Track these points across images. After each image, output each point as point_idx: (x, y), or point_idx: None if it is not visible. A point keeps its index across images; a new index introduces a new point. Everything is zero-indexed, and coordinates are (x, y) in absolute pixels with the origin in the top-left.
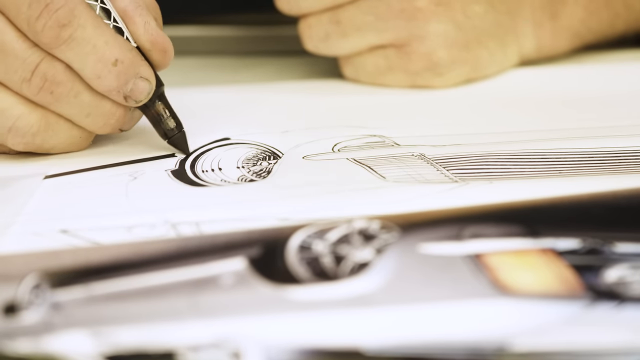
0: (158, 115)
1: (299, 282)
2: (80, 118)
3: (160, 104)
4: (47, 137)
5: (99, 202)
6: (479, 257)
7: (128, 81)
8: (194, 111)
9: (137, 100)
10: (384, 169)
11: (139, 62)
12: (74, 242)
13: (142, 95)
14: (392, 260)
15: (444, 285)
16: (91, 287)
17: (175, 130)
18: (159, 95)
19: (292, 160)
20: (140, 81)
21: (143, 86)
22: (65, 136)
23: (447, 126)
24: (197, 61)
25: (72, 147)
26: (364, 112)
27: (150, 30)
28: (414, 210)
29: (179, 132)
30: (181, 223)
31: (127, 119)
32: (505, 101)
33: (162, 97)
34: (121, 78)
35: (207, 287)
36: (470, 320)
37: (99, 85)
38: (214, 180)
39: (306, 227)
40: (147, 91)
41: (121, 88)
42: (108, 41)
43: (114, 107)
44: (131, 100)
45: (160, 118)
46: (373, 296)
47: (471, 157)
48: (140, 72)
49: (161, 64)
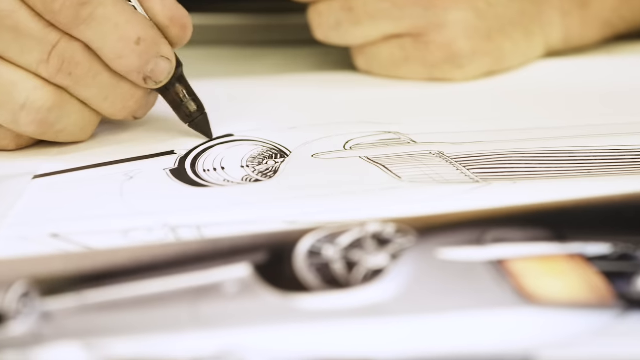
0: (178, 97)
1: (308, 290)
2: (98, 101)
3: (179, 85)
4: (61, 115)
5: (92, 204)
6: (501, 263)
7: (149, 61)
8: None
9: (157, 81)
10: (399, 168)
11: (160, 40)
12: (65, 246)
13: (162, 76)
14: (408, 267)
15: (464, 293)
16: (84, 296)
17: (197, 112)
18: (179, 77)
19: (301, 159)
20: (161, 61)
21: (164, 66)
22: (77, 118)
23: (468, 122)
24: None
25: (80, 133)
26: (378, 106)
27: (169, 4)
28: (431, 213)
29: (201, 115)
30: (181, 226)
31: (144, 103)
32: (529, 95)
33: (182, 79)
34: (143, 57)
35: (209, 296)
36: (493, 332)
37: (119, 65)
38: (216, 180)
39: (315, 230)
40: (167, 71)
41: (142, 68)
42: (129, 19)
43: (132, 88)
44: (151, 81)
45: (181, 100)
46: (387, 305)
47: (493, 156)
48: (161, 51)
49: (180, 40)
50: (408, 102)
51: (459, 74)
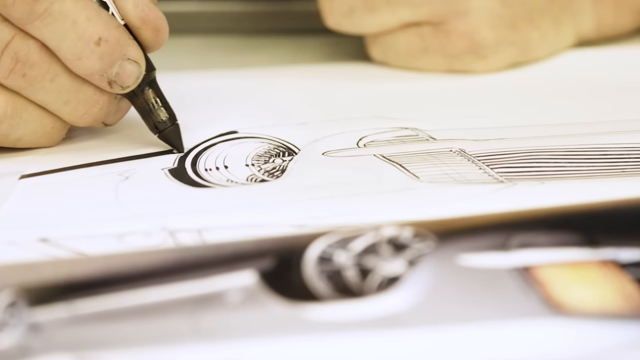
0: (148, 105)
1: (318, 299)
2: (57, 106)
3: (150, 91)
4: (13, 125)
5: (85, 206)
6: (528, 270)
7: (113, 63)
8: (195, 100)
9: (123, 85)
10: (417, 168)
11: (126, 42)
12: (55, 252)
13: (129, 80)
14: (426, 274)
15: (487, 303)
16: (75, 305)
17: (168, 122)
18: (150, 82)
19: (310, 157)
20: (127, 64)
21: (131, 69)
22: (36, 126)
23: (491, 117)
24: (198, 41)
25: (42, 139)
26: (394, 100)
27: (141, 4)
28: (452, 216)
29: (172, 125)
30: (180, 230)
31: (111, 110)
32: (558, 88)
33: (153, 84)
34: (105, 60)
35: (211, 306)
36: (518, 345)
37: (79, 68)
38: (219, 181)
39: (326, 235)
40: (135, 75)
41: (105, 71)
42: (90, 17)
43: (96, 93)
44: (117, 85)
45: (151, 108)
46: (404, 316)
47: (519, 154)
48: (127, 53)
49: (153, 44)
50: (427, 96)
51: (481, 65)
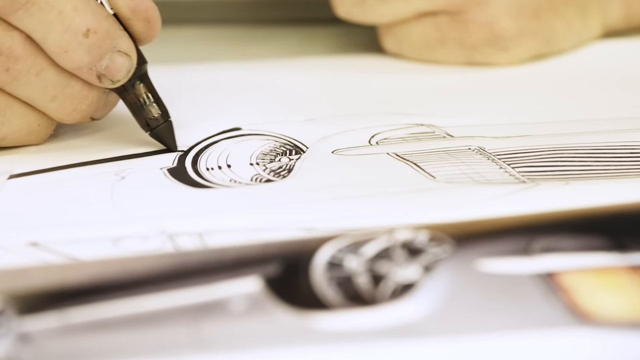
0: (138, 101)
1: (327, 307)
2: (43, 102)
3: (141, 86)
4: None
5: (78, 208)
6: (552, 276)
7: (102, 56)
8: (196, 94)
9: (113, 79)
10: (433, 167)
11: (116, 33)
12: (46, 257)
13: (119, 74)
14: (443, 281)
15: (508, 311)
16: (68, 314)
17: (160, 119)
18: (141, 76)
19: (319, 156)
20: (117, 56)
21: (121, 63)
22: (21, 123)
23: (513, 113)
24: (199, 31)
25: (28, 137)
26: (409, 95)
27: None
28: (471, 218)
29: (164, 122)
30: (180, 234)
31: (100, 105)
32: (584, 82)
33: (145, 78)
34: (94, 52)
35: (213, 314)
36: (541, 356)
37: (66, 61)
38: (222, 181)
39: (336, 239)
40: (126, 69)
41: (94, 65)
42: (77, 6)
43: (85, 88)
44: (106, 80)
45: (142, 104)
46: (420, 325)
47: (542, 152)
48: (117, 45)
49: (145, 36)
50: (444, 90)
51: (502, 57)
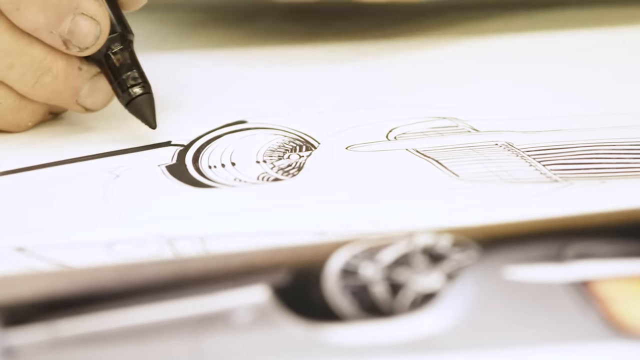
0: (116, 70)
1: (341, 319)
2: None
3: (119, 56)
4: None
5: (68, 210)
6: (586, 285)
7: (62, 17)
8: (196, 84)
9: (81, 46)
10: (457, 164)
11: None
12: (33, 263)
13: (86, 40)
14: (468, 290)
15: (539, 323)
16: (57, 326)
17: (139, 91)
18: (124, 46)
19: (332, 152)
20: (81, 19)
21: (87, 27)
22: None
23: (544, 104)
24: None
25: None
26: (430, 85)
27: None
28: (498, 221)
29: (144, 94)
30: (180, 238)
31: (76, 84)
32: (625, 69)
33: (126, 49)
34: (49, 11)
35: (216, 327)
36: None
37: (19, 20)
38: (225, 180)
39: (351, 243)
40: (93, 34)
41: (53, 27)
42: None
43: (47, 57)
44: (73, 46)
45: (119, 74)
46: (442, 338)
47: (576, 148)
48: (81, 7)
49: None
50: (468, 80)
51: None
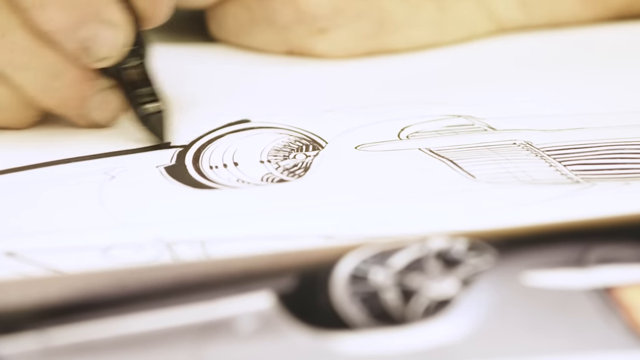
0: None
1: (350, 327)
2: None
3: (137, 71)
4: None
5: (61, 212)
6: (610, 291)
7: (84, 20)
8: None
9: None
10: (473, 164)
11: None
12: (24, 269)
13: (104, 48)
14: (484, 296)
15: (559, 331)
16: (50, 335)
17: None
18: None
19: (340, 152)
20: (102, 28)
21: (106, 36)
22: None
23: (564, 102)
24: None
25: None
26: (444, 82)
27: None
28: (516, 224)
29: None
30: (180, 242)
31: (87, 94)
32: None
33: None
34: (73, 13)
35: (218, 335)
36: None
37: (41, 17)
38: (227, 181)
39: (360, 248)
40: (111, 44)
41: (72, 31)
42: None
43: (61, 63)
44: (89, 54)
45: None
46: (457, 347)
47: (599, 147)
48: (104, 13)
49: (149, 15)
50: (484, 77)
51: (322, 43)
